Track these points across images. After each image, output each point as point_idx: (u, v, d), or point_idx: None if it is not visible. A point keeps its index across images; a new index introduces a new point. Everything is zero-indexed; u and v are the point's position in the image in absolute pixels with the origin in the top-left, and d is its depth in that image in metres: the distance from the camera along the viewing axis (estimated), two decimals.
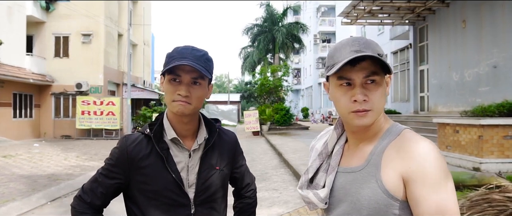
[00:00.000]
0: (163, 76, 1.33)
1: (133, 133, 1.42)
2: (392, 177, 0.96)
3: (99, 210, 1.40)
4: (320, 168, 1.14)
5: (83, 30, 20.19)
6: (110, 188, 1.38)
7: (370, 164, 1.01)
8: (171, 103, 1.32)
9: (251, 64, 32.21)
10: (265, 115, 22.74)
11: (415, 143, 0.97)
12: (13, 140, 16.61)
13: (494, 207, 2.52)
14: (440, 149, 8.59)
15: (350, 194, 1.03)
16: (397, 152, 0.98)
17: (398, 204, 0.96)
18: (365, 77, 0.99)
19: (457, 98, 12.87)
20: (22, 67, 17.92)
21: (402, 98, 18.79)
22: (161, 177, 1.33)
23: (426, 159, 0.93)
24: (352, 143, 1.11)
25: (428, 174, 0.92)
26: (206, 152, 1.40)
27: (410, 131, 1.03)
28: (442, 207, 0.90)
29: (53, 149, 13.83)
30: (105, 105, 19.41)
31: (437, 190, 0.91)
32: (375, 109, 1.01)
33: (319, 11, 41.68)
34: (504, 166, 6.90)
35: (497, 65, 10.87)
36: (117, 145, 1.41)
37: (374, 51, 0.99)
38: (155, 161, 1.34)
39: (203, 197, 1.38)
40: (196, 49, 1.34)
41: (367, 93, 1.00)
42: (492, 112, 8.53)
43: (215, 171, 1.41)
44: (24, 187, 7.16)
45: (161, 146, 1.35)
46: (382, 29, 20.36)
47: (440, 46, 14.20)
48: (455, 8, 13.10)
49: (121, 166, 1.37)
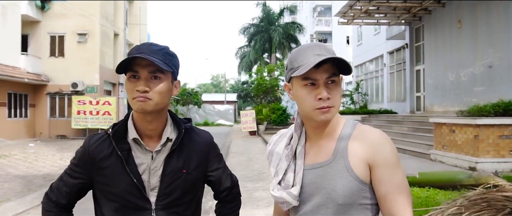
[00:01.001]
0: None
1: (99, 132, 1.38)
2: (359, 164, 1.11)
3: (65, 208, 1.38)
4: (288, 168, 1.21)
5: (78, 30, 20.08)
6: (73, 187, 1.35)
7: (338, 157, 1.13)
8: (131, 101, 1.27)
9: (247, 64, 32.21)
10: (262, 115, 22.74)
11: (373, 133, 1.14)
12: (8, 140, 16.49)
13: (493, 206, 2.52)
14: (436, 149, 8.67)
15: (323, 186, 1.14)
16: (359, 143, 1.13)
17: (367, 188, 1.11)
18: (328, 77, 1.12)
19: (452, 98, 12.93)
20: (17, 67, 17.79)
21: (398, 98, 18.85)
22: (121, 179, 1.28)
23: (385, 146, 1.12)
24: (314, 141, 1.21)
25: (388, 157, 1.11)
26: (172, 154, 1.32)
27: (361, 124, 1.20)
28: (400, 184, 1.10)
29: (48, 149, 13.75)
30: (101, 105, 19.32)
31: (396, 171, 1.11)
32: (336, 106, 1.14)
33: (315, 11, 41.73)
34: (499, 165, 6.94)
35: (493, 65, 10.93)
36: (81, 144, 1.37)
37: (333, 54, 1.12)
38: (115, 162, 1.29)
39: (166, 201, 1.30)
40: (155, 44, 1.30)
41: (329, 91, 1.12)
42: (488, 112, 8.57)
43: (181, 174, 1.33)
44: (19, 188, 7.11)
45: (121, 147, 1.29)
46: (379, 29, 20.41)
47: (436, 46, 14.26)
48: (450, 8, 13.16)
49: (83, 166, 1.34)
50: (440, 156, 8.43)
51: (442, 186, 5.46)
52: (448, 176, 5.77)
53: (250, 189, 6.81)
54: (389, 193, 1.09)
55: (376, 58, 21.51)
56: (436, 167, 7.69)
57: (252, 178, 8.00)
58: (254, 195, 6.43)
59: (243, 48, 33.53)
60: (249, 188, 6.92)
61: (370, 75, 22.66)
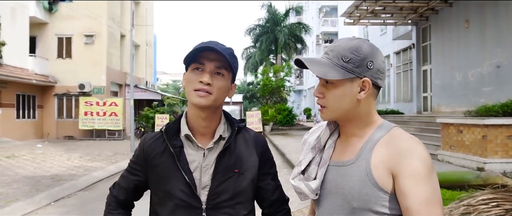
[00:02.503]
0: (186, 69, 1.29)
1: (154, 131, 1.40)
2: (381, 171, 1.04)
3: (123, 204, 1.41)
4: (313, 161, 1.19)
5: (85, 31, 20.24)
6: (130, 183, 1.39)
7: (361, 158, 1.08)
8: (191, 92, 1.24)
9: (253, 65, 32.19)
10: (268, 115, 22.72)
11: (404, 141, 1.05)
12: (16, 141, 16.66)
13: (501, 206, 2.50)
14: (443, 149, 8.59)
15: (341, 186, 1.09)
16: (387, 148, 1.06)
17: (387, 197, 1.03)
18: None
19: (460, 98, 12.82)
20: (25, 68, 17.97)
21: (405, 98, 18.74)
22: (172, 176, 1.27)
23: (414, 155, 1.01)
24: (344, 138, 1.16)
25: (416, 168, 1.00)
26: (224, 152, 1.29)
27: (399, 128, 1.12)
28: (427, 200, 0.99)
29: (56, 150, 13.86)
30: (107, 106, 19.45)
31: (424, 184, 1.00)
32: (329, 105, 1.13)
33: (321, 12, 41.64)
34: (508, 166, 6.86)
35: (501, 65, 10.82)
36: (139, 142, 1.41)
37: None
38: (167, 160, 1.28)
39: (217, 201, 1.26)
40: (222, 43, 1.31)
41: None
42: (496, 112, 8.48)
43: (233, 173, 1.28)
44: (27, 188, 7.18)
45: (174, 143, 1.28)
46: (385, 29, 20.30)
47: (443, 46, 14.15)
48: (458, 8, 13.05)
49: (139, 163, 1.36)
50: (447, 157, 8.36)
51: (450, 187, 5.41)
52: (456, 177, 5.72)
53: None
54: (413, 208, 0.98)
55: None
56: (444, 168, 7.63)
57: None
58: None
59: (248, 49, 33.53)
60: None
61: None
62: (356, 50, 1.09)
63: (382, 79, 1.13)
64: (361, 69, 1.08)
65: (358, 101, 1.10)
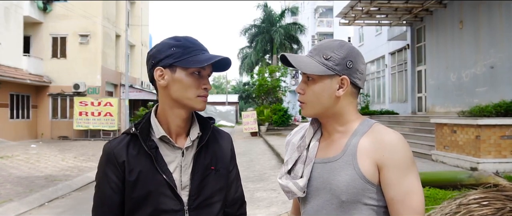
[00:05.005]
0: (165, 67, 1.20)
1: (115, 137, 1.30)
2: (367, 164, 1.09)
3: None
4: (298, 160, 1.22)
5: (80, 31, 20.15)
6: (115, 200, 1.27)
7: (347, 153, 1.12)
8: (195, 98, 1.22)
9: (249, 65, 32.23)
10: (263, 115, 22.74)
11: (387, 134, 1.11)
12: (10, 141, 16.55)
13: (493, 205, 2.53)
14: (437, 149, 8.65)
15: (329, 182, 1.13)
16: (371, 142, 1.11)
17: (374, 188, 1.09)
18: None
19: (454, 99, 12.91)
20: (19, 68, 17.86)
21: (399, 99, 18.83)
22: (150, 179, 1.20)
23: (397, 148, 1.08)
24: (328, 136, 1.21)
25: (399, 160, 1.07)
26: (200, 151, 1.27)
27: (380, 124, 1.17)
28: (410, 189, 1.07)
29: (50, 150, 13.78)
30: (102, 106, 19.36)
31: (406, 175, 1.07)
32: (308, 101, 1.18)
33: (317, 12, 41.75)
34: (501, 166, 6.93)
35: (494, 66, 10.91)
36: (102, 151, 1.29)
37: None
38: (143, 162, 1.21)
39: (198, 201, 1.24)
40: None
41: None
42: (490, 112, 8.55)
43: (210, 171, 1.27)
44: (21, 188, 7.13)
45: (149, 145, 1.22)
46: (380, 30, 20.40)
47: (437, 46, 14.24)
48: (452, 8, 13.14)
49: (115, 173, 1.25)
50: (441, 157, 8.42)
51: (443, 186, 5.45)
52: (448, 176, 5.76)
53: (251, 190, 6.82)
54: (397, 198, 1.06)
55: (378, 59, 21.50)
56: (438, 168, 7.69)
57: (253, 179, 8.01)
58: (255, 195, 6.44)
59: (244, 49, 33.57)
60: (250, 188, 6.93)
61: (371, 76, 22.64)
62: (337, 49, 1.15)
63: (361, 80, 1.17)
64: (340, 67, 1.13)
65: (337, 98, 1.15)
